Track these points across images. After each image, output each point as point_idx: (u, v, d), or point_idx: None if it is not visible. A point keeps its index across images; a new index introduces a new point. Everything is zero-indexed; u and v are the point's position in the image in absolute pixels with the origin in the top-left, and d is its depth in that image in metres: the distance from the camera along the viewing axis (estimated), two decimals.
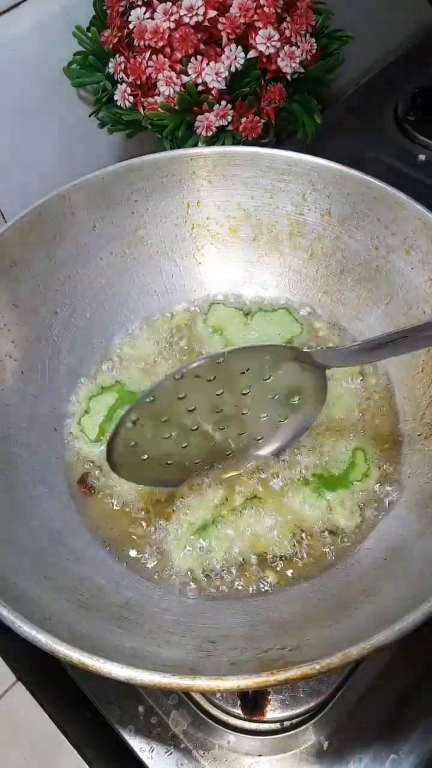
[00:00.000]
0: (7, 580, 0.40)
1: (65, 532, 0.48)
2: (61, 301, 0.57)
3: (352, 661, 0.34)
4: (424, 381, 0.53)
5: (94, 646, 0.36)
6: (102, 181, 0.58)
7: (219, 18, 0.60)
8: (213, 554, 0.49)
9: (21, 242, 0.54)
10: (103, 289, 0.60)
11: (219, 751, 0.50)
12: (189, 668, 0.38)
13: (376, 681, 0.52)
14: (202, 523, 0.50)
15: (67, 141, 0.73)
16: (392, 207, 0.54)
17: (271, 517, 0.50)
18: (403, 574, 0.43)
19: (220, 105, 0.62)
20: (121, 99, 0.64)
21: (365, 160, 0.85)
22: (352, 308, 0.59)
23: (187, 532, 0.50)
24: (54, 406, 0.55)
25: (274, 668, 0.33)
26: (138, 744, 0.51)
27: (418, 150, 0.87)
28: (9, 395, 0.52)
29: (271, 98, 0.64)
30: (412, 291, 0.54)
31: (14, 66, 0.65)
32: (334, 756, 0.50)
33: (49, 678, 0.54)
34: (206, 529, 0.50)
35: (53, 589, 0.42)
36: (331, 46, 0.69)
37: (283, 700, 0.51)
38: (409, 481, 0.50)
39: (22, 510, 0.47)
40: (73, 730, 0.52)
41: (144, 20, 0.60)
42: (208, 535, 0.49)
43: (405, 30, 1.04)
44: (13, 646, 0.54)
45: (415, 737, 0.50)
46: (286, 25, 0.62)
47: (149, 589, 0.47)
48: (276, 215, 0.61)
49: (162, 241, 0.62)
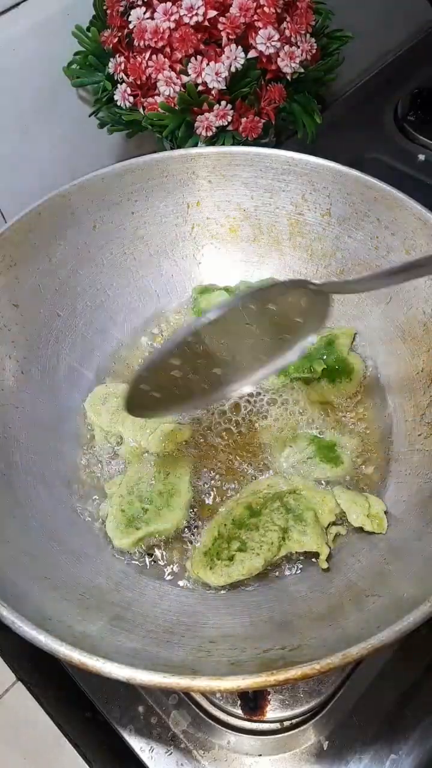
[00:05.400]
0: (7, 580, 0.40)
1: (65, 531, 0.48)
2: (61, 301, 0.57)
3: (352, 661, 0.34)
4: (424, 381, 0.53)
5: (94, 646, 0.36)
6: (102, 181, 0.58)
7: (219, 18, 0.60)
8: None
9: (21, 242, 0.54)
10: (103, 289, 0.60)
11: (219, 751, 0.50)
12: (189, 668, 0.38)
13: (376, 681, 0.52)
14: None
15: (67, 141, 0.73)
16: (392, 207, 0.54)
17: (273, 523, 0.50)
18: (403, 574, 0.43)
19: (220, 105, 0.62)
20: (121, 99, 0.64)
21: (365, 160, 0.85)
22: (352, 308, 0.59)
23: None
24: (54, 406, 0.55)
25: (274, 668, 0.34)
26: (138, 744, 0.51)
27: (418, 150, 0.87)
28: (9, 395, 0.52)
29: (271, 98, 0.64)
30: (412, 291, 0.54)
31: (14, 66, 0.65)
32: (334, 756, 0.50)
33: (49, 678, 0.54)
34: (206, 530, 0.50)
35: (53, 589, 0.42)
36: (331, 46, 0.69)
37: (283, 700, 0.51)
38: (409, 481, 0.50)
39: (22, 510, 0.47)
40: (73, 730, 0.52)
41: (144, 20, 0.60)
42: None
43: (405, 30, 1.04)
44: (13, 646, 0.54)
45: (415, 737, 0.50)
46: (286, 25, 0.62)
47: (149, 589, 0.47)
48: (276, 215, 0.61)
49: (162, 241, 0.62)
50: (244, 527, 0.48)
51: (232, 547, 0.47)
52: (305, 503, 0.49)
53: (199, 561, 0.47)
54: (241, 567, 0.46)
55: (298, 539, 0.47)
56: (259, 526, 0.48)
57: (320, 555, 0.47)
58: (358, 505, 0.49)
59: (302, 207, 0.59)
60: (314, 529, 0.48)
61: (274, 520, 0.48)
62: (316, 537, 0.47)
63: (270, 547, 0.47)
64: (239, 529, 0.48)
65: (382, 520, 0.48)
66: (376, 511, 0.49)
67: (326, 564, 0.47)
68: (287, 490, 0.50)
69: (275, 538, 0.47)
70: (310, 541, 0.47)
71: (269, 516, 0.48)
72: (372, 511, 0.48)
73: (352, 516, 0.48)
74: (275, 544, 0.47)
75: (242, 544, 0.47)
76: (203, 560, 0.47)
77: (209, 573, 0.46)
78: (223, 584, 0.46)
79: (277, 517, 0.48)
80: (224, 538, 0.48)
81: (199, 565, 0.47)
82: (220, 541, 0.48)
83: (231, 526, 0.49)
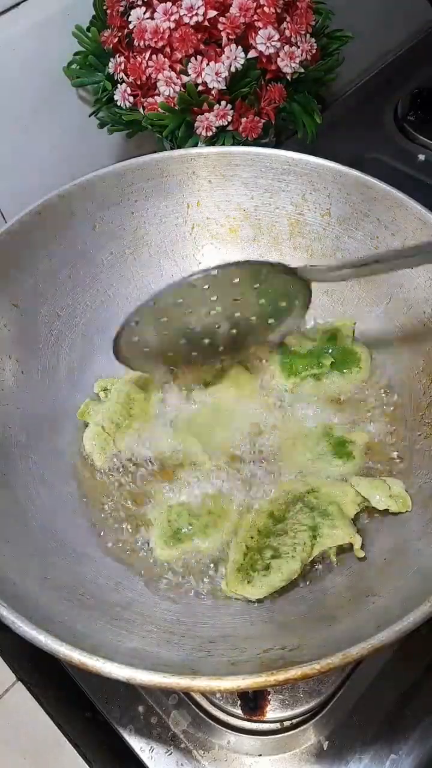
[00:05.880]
0: (7, 580, 0.40)
1: (65, 532, 0.48)
2: (61, 301, 0.57)
3: (352, 661, 0.34)
4: (424, 381, 0.53)
5: (94, 646, 0.36)
6: (102, 181, 0.58)
7: (219, 18, 0.60)
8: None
9: (21, 242, 0.54)
10: (103, 289, 0.60)
11: (219, 751, 0.50)
12: (189, 668, 0.38)
13: (376, 681, 0.52)
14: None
15: (67, 141, 0.73)
16: (392, 207, 0.54)
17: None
18: (403, 574, 0.43)
19: (220, 105, 0.62)
20: (121, 99, 0.64)
21: (365, 160, 0.85)
22: (351, 308, 0.59)
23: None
24: (54, 406, 0.55)
25: (274, 668, 0.34)
26: (138, 744, 0.51)
27: (418, 150, 0.87)
28: (9, 395, 0.52)
29: (271, 98, 0.64)
30: (412, 291, 0.54)
31: (14, 66, 0.65)
32: (334, 756, 0.50)
33: (49, 678, 0.54)
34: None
35: (53, 589, 0.42)
36: (331, 46, 0.69)
37: (283, 700, 0.51)
38: (409, 481, 0.50)
39: (22, 510, 0.47)
40: (73, 730, 0.52)
41: (144, 20, 0.60)
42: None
43: (405, 30, 1.04)
44: (13, 646, 0.54)
45: (415, 737, 0.50)
46: (286, 25, 0.62)
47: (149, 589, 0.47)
48: (276, 215, 0.61)
49: (162, 241, 0.62)
50: (272, 535, 0.48)
51: (266, 556, 0.46)
52: (327, 498, 0.49)
53: (234, 578, 0.46)
54: (280, 573, 0.45)
55: (329, 533, 0.47)
56: (287, 530, 0.47)
57: (354, 545, 0.46)
58: (379, 488, 0.48)
59: (302, 207, 0.59)
60: (342, 521, 0.47)
61: (301, 520, 0.47)
62: (346, 528, 0.47)
63: (304, 547, 0.46)
64: (267, 537, 0.47)
65: (406, 498, 0.48)
66: (398, 491, 0.48)
67: (362, 552, 0.46)
68: (306, 491, 0.50)
69: (306, 537, 0.46)
70: (342, 534, 0.47)
71: (295, 518, 0.48)
72: (394, 492, 0.48)
73: (375, 499, 0.48)
74: (308, 543, 0.46)
75: (275, 551, 0.46)
76: (238, 576, 0.46)
77: (248, 587, 0.45)
78: (264, 595, 0.45)
79: (303, 517, 0.48)
80: (254, 549, 0.47)
81: (235, 582, 0.45)
82: (251, 553, 0.47)
83: (258, 537, 0.48)
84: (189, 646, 0.41)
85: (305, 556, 0.46)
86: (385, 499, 0.48)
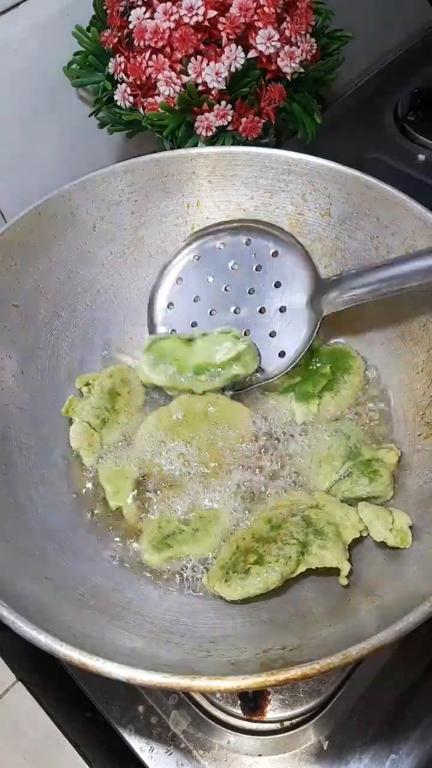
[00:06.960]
0: (7, 580, 0.40)
1: (65, 532, 0.48)
2: (61, 301, 0.57)
3: (352, 661, 0.34)
4: (424, 381, 0.53)
5: (94, 646, 0.36)
6: (102, 181, 0.58)
7: (219, 18, 0.60)
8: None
9: (21, 242, 0.54)
10: (103, 289, 0.60)
11: (219, 751, 0.50)
12: (189, 668, 0.38)
13: (376, 681, 0.52)
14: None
15: (67, 141, 0.73)
16: (392, 207, 0.54)
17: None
18: (403, 574, 0.43)
19: (220, 105, 0.62)
20: (121, 99, 0.64)
21: (365, 160, 0.85)
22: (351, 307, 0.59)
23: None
24: (54, 406, 0.55)
25: (274, 668, 0.34)
26: (138, 744, 0.51)
27: (418, 150, 0.87)
28: (9, 395, 0.52)
29: (271, 98, 0.64)
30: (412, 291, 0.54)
31: (14, 66, 0.65)
32: (334, 756, 0.50)
33: (49, 678, 0.54)
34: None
35: (53, 589, 0.42)
36: (331, 46, 0.69)
37: (283, 700, 0.51)
38: (408, 481, 0.50)
39: (22, 510, 0.47)
40: (73, 730, 0.52)
41: (144, 20, 0.60)
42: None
43: (405, 30, 1.04)
44: (13, 646, 0.54)
45: (415, 737, 0.50)
46: (286, 25, 0.62)
47: (149, 589, 0.47)
48: (276, 215, 0.61)
49: (162, 241, 0.62)
50: (262, 540, 0.47)
51: (249, 560, 0.45)
52: (327, 517, 0.47)
53: (215, 574, 0.46)
54: (257, 581, 0.44)
55: (318, 553, 0.45)
56: (276, 540, 0.46)
57: (341, 572, 0.45)
58: (381, 518, 0.46)
59: (302, 207, 0.59)
60: (335, 544, 0.45)
61: (293, 533, 0.46)
62: (336, 552, 0.45)
63: (287, 561, 0.44)
64: (257, 542, 0.47)
65: (406, 534, 0.45)
66: (400, 525, 0.46)
67: (346, 581, 0.45)
68: (309, 505, 0.49)
69: (293, 552, 0.45)
70: (330, 557, 0.45)
71: (288, 529, 0.47)
72: (396, 525, 0.46)
73: (375, 528, 0.46)
74: (293, 558, 0.45)
75: (259, 558, 0.45)
76: (219, 573, 0.45)
77: (224, 586, 0.44)
78: (237, 598, 0.44)
79: (297, 530, 0.46)
80: (242, 550, 0.47)
81: (214, 578, 0.45)
82: (238, 554, 0.46)
83: (250, 539, 0.47)
84: (189, 646, 0.41)
85: (288, 571, 0.44)
86: (385, 531, 0.46)
